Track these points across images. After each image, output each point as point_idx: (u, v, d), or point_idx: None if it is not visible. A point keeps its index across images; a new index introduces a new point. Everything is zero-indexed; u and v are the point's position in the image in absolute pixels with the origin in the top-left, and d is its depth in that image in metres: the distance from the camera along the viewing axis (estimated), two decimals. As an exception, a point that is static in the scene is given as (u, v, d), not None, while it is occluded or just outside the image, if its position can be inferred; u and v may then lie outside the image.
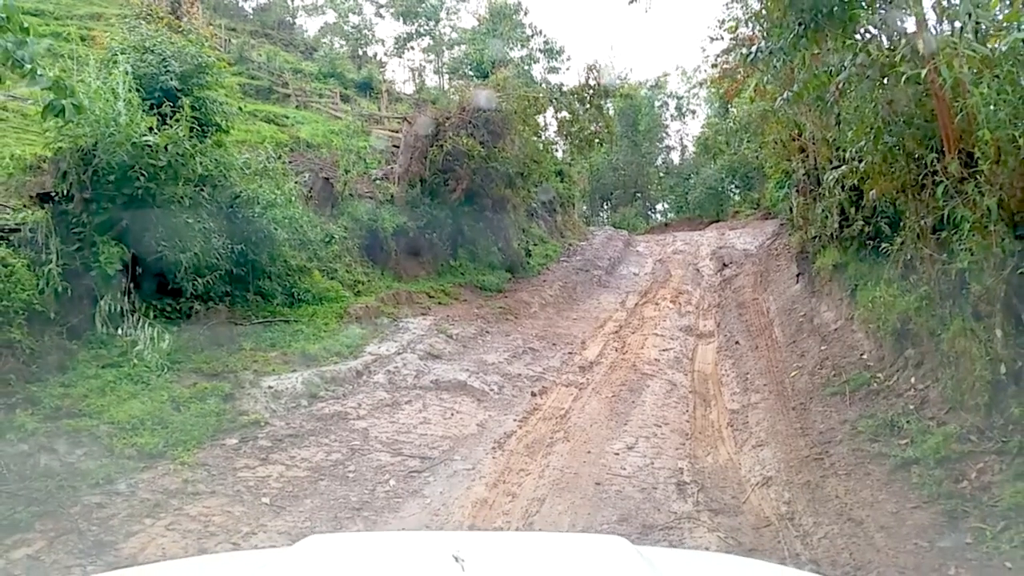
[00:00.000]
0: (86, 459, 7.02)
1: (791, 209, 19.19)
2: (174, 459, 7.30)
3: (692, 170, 45.70)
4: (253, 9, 48.92)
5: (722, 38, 18.60)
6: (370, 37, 50.16)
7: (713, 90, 40.60)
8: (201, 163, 11.02)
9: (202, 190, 11.06)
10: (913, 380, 7.89)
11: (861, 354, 9.74)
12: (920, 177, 8.03)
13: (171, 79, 11.54)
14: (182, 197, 10.61)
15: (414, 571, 2.03)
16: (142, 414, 8.03)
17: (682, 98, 49.95)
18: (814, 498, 6.43)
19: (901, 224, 8.76)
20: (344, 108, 27.61)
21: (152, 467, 7.11)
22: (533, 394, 10.74)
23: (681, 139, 52.74)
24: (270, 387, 9.38)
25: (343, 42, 49.01)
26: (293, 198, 13.36)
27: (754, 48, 7.66)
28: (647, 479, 7.40)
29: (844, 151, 11.40)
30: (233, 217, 11.99)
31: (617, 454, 8.14)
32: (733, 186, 40.84)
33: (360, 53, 48.50)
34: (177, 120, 10.67)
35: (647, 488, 7.15)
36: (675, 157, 52.10)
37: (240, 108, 12.91)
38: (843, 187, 11.11)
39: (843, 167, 9.27)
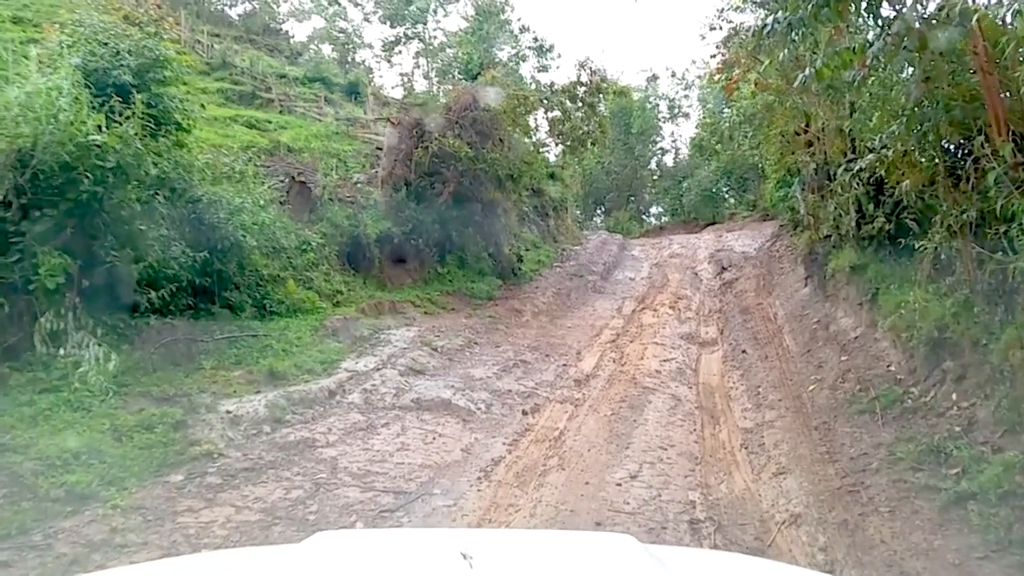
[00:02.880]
0: (3, 503, 6.01)
1: (795, 208, 18.28)
2: (106, 501, 6.29)
3: (686, 172, 44.75)
4: (239, 15, 48.15)
5: (720, 27, 17.66)
6: (358, 42, 49.45)
7: (708, 89, 39.81)
8: (156, 164, 10.06)
9: (157, 194, 10.08)
10: (955, 397, 6.91)
11: (888, 365, 8.77)
12: (958, 166, 7.11)
13: (124, 74, 10.54)
14: (135, 201, 9.62)
15: (422, 568, 2.00)
16: (77, 446, 7.01)
17: (674, 99, 49.15)
18: (855, 543, 5.43)
19: (932, 220, 7.79)
20: (328, 112, 26.66)
21: (79, 512, 6.10)
22: (524, 413, 9.77)
23: (674, 141, 52.00)
24: (228, 412, 8.38)
25: (331, 47, 48.23)
26: (264, 203, 12.40)
27: (770, 19, 6.69)
28: (655, 516, 6.42)
29: (861, 142, 10.51)
30: (197, 224, 11.05)
31: (619, 485, 7.16)
32: (728, 188, 39.93)
33: (350, 59, 47.71)
34: (127, 118, 9.68)
35: (655, 528, 6.16)
36: (669, 160, 51.22)
37: (202, 105, 11.93)
38: (861, 181, 10.16)
39: (869, 156, 8.30)
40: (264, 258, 12.33)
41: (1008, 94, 6.09)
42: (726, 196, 40.26)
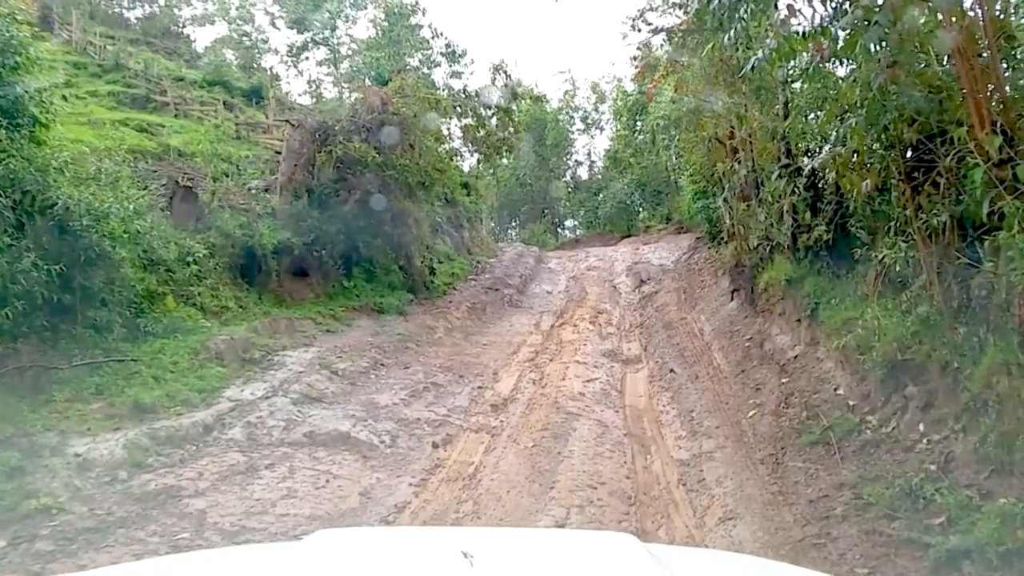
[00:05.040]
0: None
1: (713, 220, 17.70)
2: None
3: (601, 185, 44.52)
4: (138, 18, 45.84)
5: (640, 29, 16.94)
6: (264, 47, 47.54)
7: (622, 101, 39.53)
8: (1, 161, 8.60)
9: (2, 197, 8.61)
10: (922, 428, 6.08)
11: (835, 389, 7.94)
12: (918, 166, 6.33)
13: (-36, 57, 9.06)
14: (-29, 204, 8.17)
15: (423, 567, 1.97)
16: None
17: (588, 112, 48.94)
18: (834, 616, 4.49)
19: (887, 228, 7.01)
20: (221, 115, 25.06)
21: None
22: (435, 445, 8.63)
23: (589, 153, 51.76)
24: (77, 455, 7.00)
25: (234, 53, 46.20)
26: (140, 209, 10.94)
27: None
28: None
29: (797, 145, 9.81)
30: (57, 232, 9.57)
31: (544, 537, 6.09)
32: (642, 201, 39.67)
33: (255, 64, 45.77)
34: (-38, 107, 8.23)
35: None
36: (583, 172, 51.01)
37: (64, 97, 10.40)
38: (798, 187, 9.41)
39: (821, 155, 7.47)
40: (139, 271, 10.90)
41: (991, 83, 5.30)
42: (640, 209, 39.99)
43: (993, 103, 5.30)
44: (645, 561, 2.01)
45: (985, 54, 5.55)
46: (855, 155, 7.00)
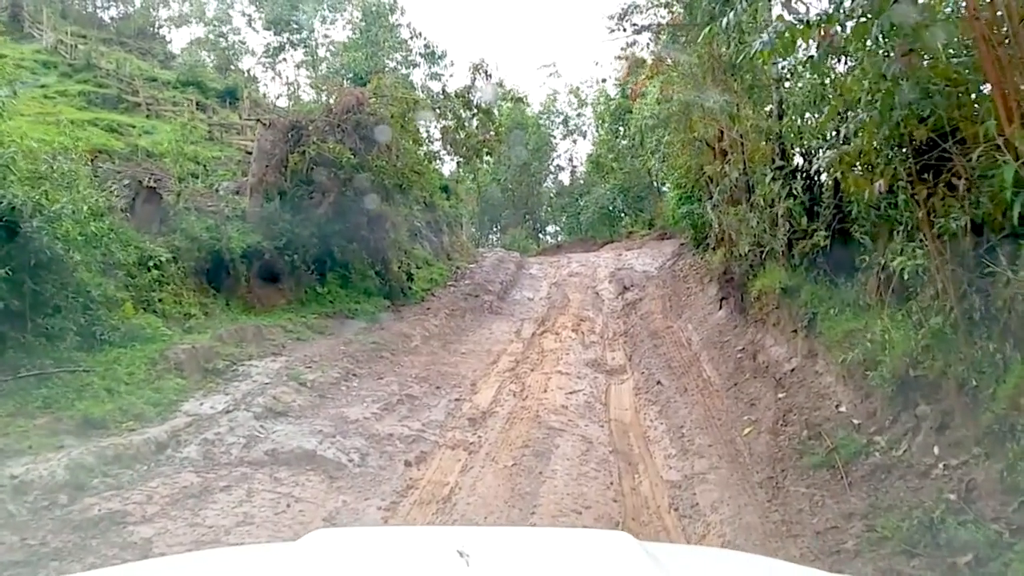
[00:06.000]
0: None
1: (698, 225, 17.28)
2: None
3: (583, 190, 44.16)
4: (112, 18, 45.12)
5: (625, 29, 16.49)
6: (241, 49, 46.84)
7: (604, 107, 39.22)
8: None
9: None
10: (937, 451, 5.57)
11: (837, 406, 7.42)
12: (929, 166, 5.84)
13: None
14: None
15: (419, 566, 1.98)
16: None
17: (569, 117, 48.69)
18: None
19: (892, 232, 6.53)
20: (200, 117, 24.41)
21: None
22: (407, 464, 8.05)
23: (571, 159, 51.49)
24: (14, 476, 6.37)
25: (210, 54, 45.51)
26: (97, 210, 10.32)
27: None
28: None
29: (794, 145, 9.34)
30: (6, 234, 8.95)
31: (525, 571, 5.54)
32: (625, 206, 39.27)
33: (233, 66, 45.12)
34: None
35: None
36: (565, 178, 50.68)
37: (15, 91, 9.67)
38: (796, 191, 8.93)
39: (827, 153, 6.97)
40: (95, 276, 10.24)
41: (1018, 74, 4.82)
42: (623, 214, 39.59)
43: (1022, 96, 4.82)
44: (641, 559, 2.01)
45: (1008, 42, 5.08)
46: (861, 155, 6.51)
